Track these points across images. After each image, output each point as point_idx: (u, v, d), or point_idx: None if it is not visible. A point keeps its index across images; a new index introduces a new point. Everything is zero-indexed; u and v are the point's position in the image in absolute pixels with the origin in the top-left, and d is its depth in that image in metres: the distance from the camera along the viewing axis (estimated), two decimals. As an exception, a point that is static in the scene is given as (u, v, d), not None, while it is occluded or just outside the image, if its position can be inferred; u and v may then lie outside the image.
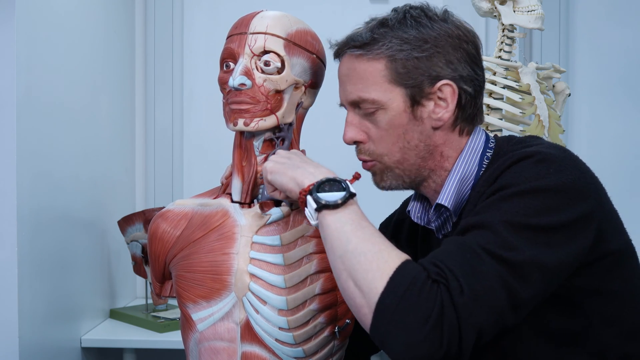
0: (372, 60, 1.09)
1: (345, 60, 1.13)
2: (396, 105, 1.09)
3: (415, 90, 1.09)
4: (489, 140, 1.16)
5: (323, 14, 2.45)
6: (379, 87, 1.09)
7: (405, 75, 1.08)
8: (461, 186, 1.12)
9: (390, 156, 1.12)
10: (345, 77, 1.13)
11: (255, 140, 1.15)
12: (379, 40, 1.09)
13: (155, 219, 1.21)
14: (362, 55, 1.10)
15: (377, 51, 1.09)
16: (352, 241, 0.96)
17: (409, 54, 1.08)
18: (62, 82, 1.87)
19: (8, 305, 1.59)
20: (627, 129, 2.48)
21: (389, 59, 1.08)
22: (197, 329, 1.15)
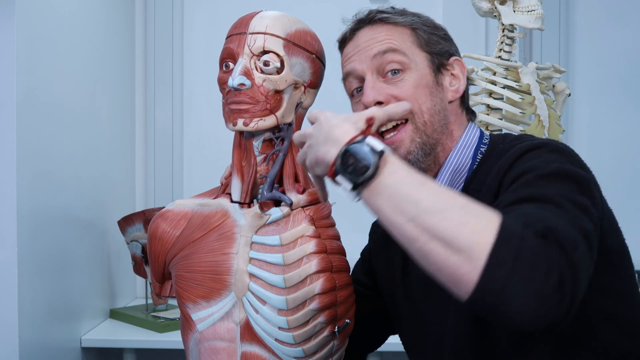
0: (399, 25, 1.14)
1: (366, 30, 1.15)
2: (422, 67, 1.13)
3: (438, 59, 1.15)
4: (483, 137, 1.17)
5: (323, 14, 2.45)
6: (407, 47, 1.13)
7: (429, 42, 1.15)
8: (453, 178, 1.13)
9: (420, 115, 1.11)
10: (370, 41, 1.14)
11: (255, 140, 1.15)
12: (401, 13, 1.16)
13: (155, 219, 1.22)
14: (389, 20, 1.14)
15: (402, 20, 1.14)
16: (422, 200, 0.84)
17: (430, 30, 1.16)
18: (62, 82, 1.87)
19: (8, 305, 1.60)
20: (627, 129, 2.48)
21: (413, 29, 1.14)
22: (196, 329, 1.15)
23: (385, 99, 1.11)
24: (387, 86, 1.12)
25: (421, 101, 1.11)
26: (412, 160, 1.12)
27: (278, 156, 1.16)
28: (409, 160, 1.12)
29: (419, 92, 1.11)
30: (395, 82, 1.12)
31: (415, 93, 1.11)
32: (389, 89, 1.12)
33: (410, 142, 1.12)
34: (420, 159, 1.12)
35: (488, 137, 1.18)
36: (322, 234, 1.15)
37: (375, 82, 1.13)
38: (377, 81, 1.13)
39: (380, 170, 0.87)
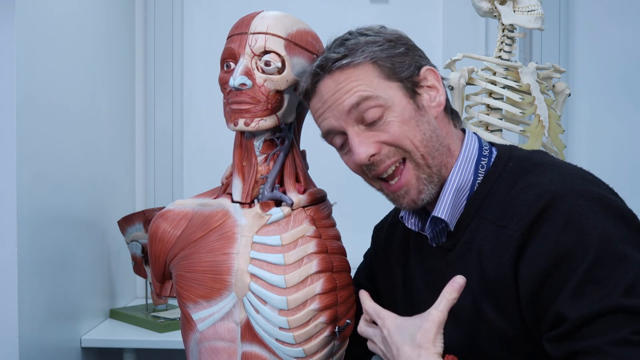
0: (359, 65, 1.06)
1: (327, 83, 1.07)
2: (398, 100, 1.06)
3: (409, 81, 1.08)
4: (482, 148, 1.13)
5: (323, 14, 2.45)
6: (376, 85, 1.06)
7: (395, 69, 1.07)
8: (457, 197, 1.10)
9: (416, 151, 1.06)
10: (337, 93, 1.07)
11: (256, 140, 1.15)
12: (356, 49, 1.06)
13: (156, 219, 1.22)
14: (348, 65, 1.06)
15: (360, 57, 1.06)
16: None
17: (389, 52, 1.07)
18: (62, 83, 1.87)
19: (8, 305, 1.60)
20: (627, 129, 2.48)
21: (373, 60, 1.06)
22: (197, 329, 1.15)
23: (377, 149, 1.06)
24: (372, 133, 1.06)
25: (411, 136, 1.06)
26: (426, 197, 1.09)
27: (279, 156, 1.16)
28: (422, 199, 1.09)
29: (406, 129, 1.06)
30: (379, 128, 1.06)
31: (403, 131, 1.06)
32: (375, 136, 1.06)
33: (417, 181, 1.08)
34: (433, 192, 1.09)
35: (487, 147, 1.14)
36: (323, 234, 1.15)
37: (360, 135, 1.07)
38: (361, 133, 1.07)
39: None
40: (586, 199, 0.97)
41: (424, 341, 0.97)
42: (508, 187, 1.06)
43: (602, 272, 0.92)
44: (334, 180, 1.58)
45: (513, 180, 1.06)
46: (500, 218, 1.03)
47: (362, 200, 2.23)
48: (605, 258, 0.92)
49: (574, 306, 0.92)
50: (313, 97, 1.10)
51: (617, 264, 0.92)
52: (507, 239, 1.01)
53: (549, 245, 0.96)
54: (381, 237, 1.31)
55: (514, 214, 1.01)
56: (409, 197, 1.09)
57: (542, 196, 0.98)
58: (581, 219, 0.95)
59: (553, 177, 1.02)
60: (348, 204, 1.69)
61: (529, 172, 1.05)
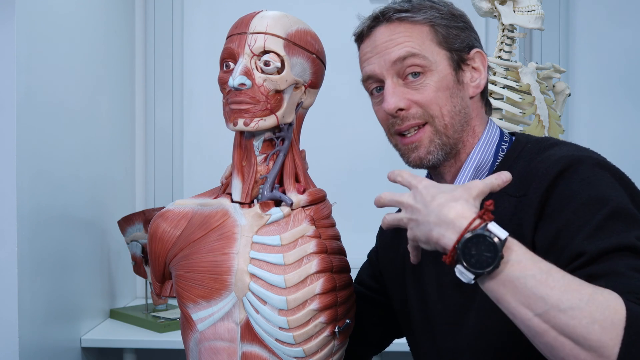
0: (417, 23, 1.11)
1: (383, 30, 1.13)
2: (442, 67, 1.11)
3: (458, 55, 1.13)
4: (503, 135, 1.17)
5: (323, 14, 2.45)
6: (426, 47, 1.11)
7: (449, 39, 1.12)
8: (476, 175, 1.13)
9: (441, 119, 1.11)
10: (388, 42, 1.12)
11: (255, 140, 1.15)
12: (419, 9, 1.12)
13: (155, 219, 1.22)
14: (406, 19, 1.11)
15: (420, 16, 1.12)
16: (549, 296, 0.83)
17: (448, 23, 1.13)
18: (62, 82, 1.87)
19: (8, 305, 1.60)
20: (627, 129, 2.48)
21: (431, 25, 1.12)
22: (197, 328, 1.15)
23: (407, 105, 1.11)
24: (407, 90, 1.11)
25: (442, 104, 1.11)
26: (432, 160, 1.12)
27: (278, 156, 1.16)
28: (429, 160, 1.12)
29: (439, 95, 1.11)
30: (415, 86, 1.11)
31: (436, 96, 1.11)
32: (409, 93, 1.11)
33: (429, 142, 1.12)
34: (440, 158, 1.13)
35: (508, 135, 1.18)
36: (323, 234, 1.15)
37: (395, 87, 1.12)
38: (397, 86, 1.12)
39: (505, 260, 0.86)
40: (602, 167, 1.01)
41: (464, 194, 0.91)
42: (526, 163, 1.08)
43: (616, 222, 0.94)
44: (334, 180, 1.58)
45: (531, 157, 1.09)
46: (519, 189, 1.05)
47: (362, 200, 2.23)
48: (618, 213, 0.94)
49: (591, 243, 0.92)
50: (366, 39, 1.15)
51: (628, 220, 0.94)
52: (526, 204, 1.03)
53: (565, 200, 0.98)
54: (387, 233, 1.31)
55: (533, 180, 1.03)
56: (417, 154, 1.13)
57: (561, 160, 1.01)
58: (599, 181, 0.99)
59: (570, 149, 1.06)
60: (348, 204, 1.69)
61: (547, 149, 1.09)
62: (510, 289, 0.85)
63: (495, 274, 0.86)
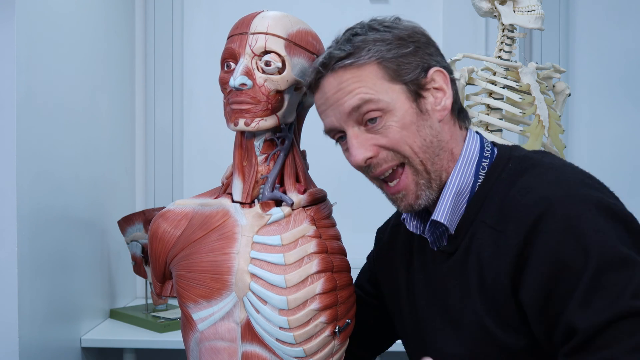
0: (364, 65, 1.04)
1: (330, 80, 1.06)
2: (400, 104, 1.05)
3: (413, 84, 1.06)
4: (484, 148, 1.11)
5: (323, 14, 2.45)
6: (379, 87, 1.04)
7: (400, 71, 1.05)
8: (457, 200, 1.08)
9: (414, 157, 1.05)
10: (338, 93, 1.05)
11: (256, 140, 1.15)
12: (362, 47, 1.05)
13: (156, 219, 1.22)
14: (352, 65, 1.04)
15: (365, 57, 1.04)
16: None
17: (396, 52, 1.05)
18: (62, 82, 1.87)
19: (8, 305, 1.60)
20: (627, 129, 2.48)
21: (379, 61, 1.04)
22: (197, 328, 1.15)
23: (374, 152, 1.06)
24: (371, 136, 1.05)
25: (410, 142, 1.05)
26: (423, 203, 1.08)
27: (279, 156, 1.16)
28: (420, 204, 1.08)
29: (405, 134, 1.04)
30: (378, 131, 1.05)
31: (402, 136, 1.04)
32: (373, 139, 1.05)
33: (415, 186, 1.07)
34: (431, 197, 1.08)
35: (489, 148, 1.12)
36: (323, 234, 1.15)
37: (357, 137, 1.06)
38: (359, 135, 1.06)
39: None
40: (584, 203, 0.96)
41: None
42: (506, 189, 1.04)
43: (607, 277, 0.90)
44: (334, 180, 1.58)
45: (511, 182, 1.04)
46: (498, 222, 1.02)
47: (362, 200, 2.23)
48: (608, 263, 0.91)
49: (583, 316, 0.90)
50: (316, 92, 1.10)
51: (621, 268, 0.91)
52: (505, 247, 1.00)
53: (549, 254, 0.94)
54: (384, 239, 1.30)
55: (511, 219, 1.00)
56: (406, 201, 1.08)
57: (539, 203, 0.97)
58: (579, 225, 0.94)
59: (550, 180, 1.01)
60: (348, 204, 1.69)
61: (526, 173, 1.04)
62: None
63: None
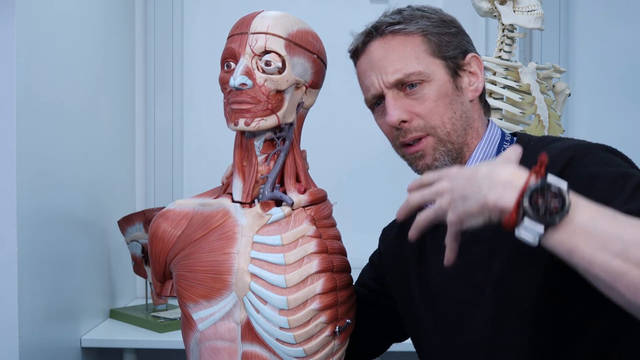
0: (410, 35, 1.13)
1: (377, 45, 1.14)
2: (440, 76, 1.13)
3: (453, 62, 1.15)
4: (505, 134, 1.20)
5: (323, 14, 2.45)
6: (421, 60, 1.12)
7: (442, 48, 1.14)
8: None
9: (442, 127, 1.13)
10: (383, 59, 1.13)
11: (256, 140, 1.15)
12: (411, 20, 1.14)
13: (156, 218, 1.22)
14: (399, 31, 1.13)
15: (412, 27, 1.13)
16: (624, 234, 0.83)
17: (440, 30, 1.14)
18: (62, 82, 1.87)
19: (8, 305, 1.60)
20: (627, 129, 2.48)
21: (424, 35, 1.13)
22: (197, 328, 1.15)
23: (409, 117, 1.13)
24: (408, 102, 1.13)
25: (442, 113, 1.13)
26: (440, 166, 1.13)
27: (279, 156, 1.16)
28: (436, 166, 1.13)
29: (439, 104, 1.13)
30: (415, 97, 1.13)
31: (436, 106, 1.12)
32: (410, 105, 1.13)
33: (433, 150, 1.14)
34: (447, 163, 1.14)
35: (509, 135, 1.20)
36: (323, 234, 1.15)
37: (396, 100, 1.13)
38: (397, 98, 1.13)
39: (573, 206, 0.85)
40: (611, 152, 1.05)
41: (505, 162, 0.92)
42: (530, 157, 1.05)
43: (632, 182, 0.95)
44: (334, 180, 1.58)
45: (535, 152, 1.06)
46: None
47: (362, 200, 2.23)
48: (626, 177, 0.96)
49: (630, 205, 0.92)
50: (361, 56, 1.17)
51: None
52: None
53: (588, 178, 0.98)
54: (392, 234, 1.31)
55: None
56: (423, 161, 1.14)
57: (570, 149, 1.04)
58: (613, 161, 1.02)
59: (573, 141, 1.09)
60: (348, 204, 1.69)
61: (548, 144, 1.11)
62: (583, 236, 0.84)
63: (564, 223, 0.84)
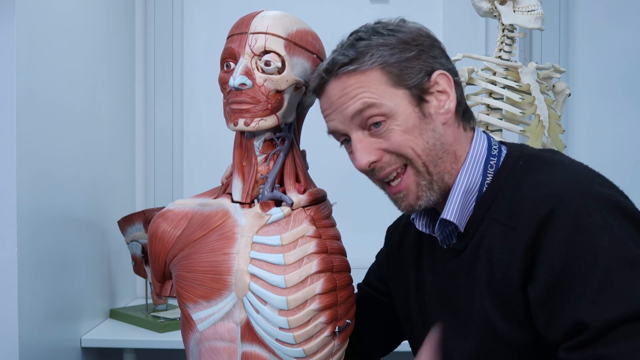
0: (367, 71, 1.05)
1: (334, 85, 1.07)
2: (403, 109, 1.06)
3: (417, 88, 1.06)
4: (492, 147, 1.12)
5: (323, 14, 2.45)
6: (382, 93, 1.05)
7: (403, 77, 1.06)
8: (466, 199, 1.09)
9: (417, 159, 1.06)
10: (342, 98, 1.07)
11: (256, 140, 1.15)
12: (366, 53, 1.05)
13: (156, 218, 1.22)
14: (355, 70, 1.05)
15: (368, 62, 1.05)
16: None
17: (399, 57, 1.06)
18: (62, 82, 1.87)
19: (8, 305, 1.60)
20: (627, 129, 2.48)
21: (382, 66, 1.05)
22: (197, 328, 1.15)
23: (378, 156, 1.07)
24: (375, 140, 1.06)
25: (413, 144, 1.06)
26: (424, 204, 1.08)
27: (279, 156, 1.16)
28: (420, 205, 1.08)
29: (408, 138, 1.05)
30: (381, 135, 1.06)
31: (405, 139, 1.05)
32: (377, 143, 1.06)
33: (416, 187, 1.08)
34: (432, 199, 1.09)
35: (497, 146, 1.13)
36: (323, 234, 1.15)
37: (361, 141, 1.07)
38: (363, 139, 1.07)
39: None
40: (595, 200, 0.96)
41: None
42: (517, 186, 1.04)
43: (619, 275, 0.91)
44: (334, 180, 1.58)
45: (522, 179, 1.05)
46: (509, 218, 1.03)
47: (362, 200, 2.23)
48: (619, 261, 0.92)
49: (594, 312, 0.91)
50: (321, 96, 1.11)
51: (632, 267, 0.91)
52: (516, 242, 1.00)
53: (559, 250, 0.95)
54: (395, 239, 1.30)
55: (522, 214, 1.00)
56: (407, 201, 1.09)
57: (550, 197, 0.97)
58: (590, 222, 0.94)
59: (561, 177, 1.01)
60: (348, 204, 1.69)
61: (537, 170, 1.05)
62: None
63: None
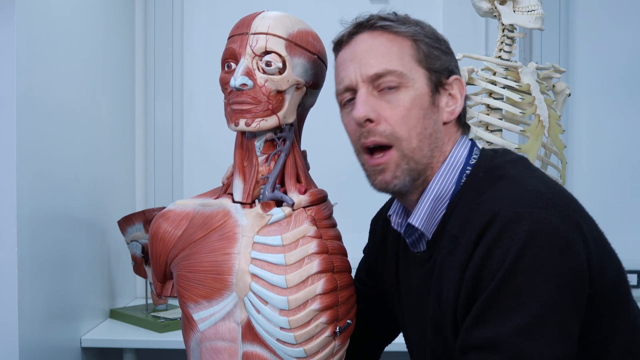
0: (400, 35, 1.07)
1: (364, 37, 1.08)
2: (420, 85, 1.06)
3: (436, 77, 1.07)
4: (472, 154, 1.10)
5: (323, 14, 2.45)
6: (406, 63, 1.05)
7: (429, 59, 1.07)
8: (435, 206, 1.07)
9: (408, 141, 1.04)
10: (367, 52, 1.06)
11: (257, 140, 1.16)
12: (404, 22, 1.08)
13: (157, 219, 1.22)
14: (390, 28, 1.07)
15: (404, 29, 1.07)
16: None
17: (431, 42, 1.08)
18: (62, 82, 1.87)
19: (8, 305, 1.60)
20: (627, 129, 2.48)
21: (414, 40, 1.07)
22: (198, 328, 1.15)
23: (376, 118, 1.05)
24: (380, 103, 1.05)
25: (411, 125, 1.04)
26: (398, 185, 1.06)
27: (280, 156, 1.16)
28: (395, 185, 1.06)
29: (411, 114, 1.04)
30: (388, 100, 1.05)
31: (408, 115, 1.04)
32: (381, 107, 1.05)
33: (395, 166, 1.06)
34: (407, 184, 1.07)
35: (477, 155, 1.11)
36: (324, 235, 1.15)
37: (368, 97, 1.05)
38: (370, 96, 1.05)
39: None
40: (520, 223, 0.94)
41: None
42: (473, 200, 1.03)
43: (505, 301, 0.93)
44: (335, 180, 1.58)
45: (478, 193, 1.03)
46: (460, 233, 1.02)
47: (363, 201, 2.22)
48: (507, 293, 0.93)
49: (466, 333, 0.96)
50: (345, 46, 1.11)
51: (517, 297, 0.92)
52: (457, 257, 1.00)
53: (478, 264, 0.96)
54: (378, 230, 1.31)
55: (467, 228, 1.00)
56: (382, 177, 1.07)
57: (488, 214, 0.97)
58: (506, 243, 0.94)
59: (506, 194, 0.99)
60: (349, 204, 1.69)
61: (492, 185, 1.03)
62: None
63: None
